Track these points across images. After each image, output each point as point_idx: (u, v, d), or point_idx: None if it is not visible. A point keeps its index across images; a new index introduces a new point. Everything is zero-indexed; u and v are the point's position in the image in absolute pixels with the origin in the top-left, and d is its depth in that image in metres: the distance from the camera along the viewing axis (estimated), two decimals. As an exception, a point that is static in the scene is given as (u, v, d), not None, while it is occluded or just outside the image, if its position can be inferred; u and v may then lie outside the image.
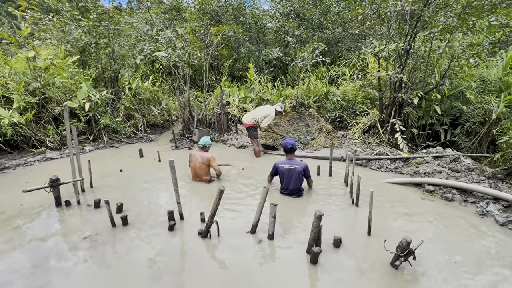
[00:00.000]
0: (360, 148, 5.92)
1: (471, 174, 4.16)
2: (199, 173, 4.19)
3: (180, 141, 7.12)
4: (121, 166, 4.95)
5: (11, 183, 4.28)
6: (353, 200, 3.56)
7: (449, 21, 4.78)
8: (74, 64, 7.11)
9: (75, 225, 3.02)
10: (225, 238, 2.77)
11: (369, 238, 2.81)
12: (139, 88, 8.31)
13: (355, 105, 7.70)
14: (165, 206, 3.42)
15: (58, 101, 6.37)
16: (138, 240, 2.74)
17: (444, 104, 5.93)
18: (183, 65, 7.07)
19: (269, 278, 2.25)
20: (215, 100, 8.41)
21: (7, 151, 5.63)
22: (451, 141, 5.82)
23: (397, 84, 5.68)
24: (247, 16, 11.60)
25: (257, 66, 11.69)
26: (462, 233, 2.93)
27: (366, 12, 5.77)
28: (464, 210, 3.43)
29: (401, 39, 5.60)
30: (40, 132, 6.11)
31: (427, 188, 3.95)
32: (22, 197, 3.52)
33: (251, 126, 5.60)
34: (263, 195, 2.71)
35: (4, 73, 5.84)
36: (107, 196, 3.52)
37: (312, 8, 11.22)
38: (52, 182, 3.29)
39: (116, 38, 7.37)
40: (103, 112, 7.08)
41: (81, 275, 2.25)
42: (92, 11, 6.80)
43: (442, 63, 5.89)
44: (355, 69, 9.50)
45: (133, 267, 2.36)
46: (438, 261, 2.46)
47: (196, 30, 9.42)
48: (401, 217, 3.25)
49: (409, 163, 4.87)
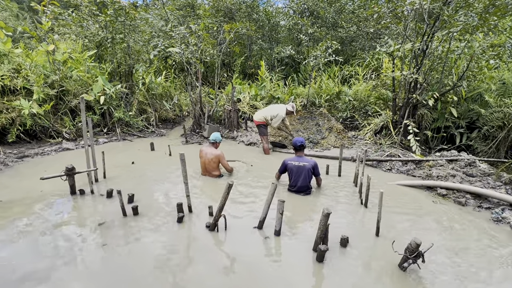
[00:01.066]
0: (371, 149, 5.83)
1: (487, 179, 4.02)
2: (209, 169, 4.24)
3: (190, 136, 7.22)
4: (133, 159, 5.07)
5: (30, 170, 4.47)
6: (362, 200, 3.52)
7: (469, 21, 4.62)
8: (90, 58, 7.32)
9: (89, 213, 3.13)
10: (232, 232, 2.81)
11: (377, 239, 2.77)
12: (152, 83, 8.47)
13: (367, 105, 7.58)
14: (175, 199, 3.49)
15: (75, 94, 6.58)
16: (148, 230, 2.81)
17: (461, 106, 5.75)
18: (196, 61, 7.15)
19: (274, 273, 2.27)
20: (226, 97, 8.46)
21: (26, 140, 5.88)
22: (467, 145, 5.64)
23: (412, 84, 5.55)
24: (261, 14, 11.58)
25: (269, 64, 11.67)
26: (475, 239, 2.84)
27: (382, 11, 5.65)
28: (478, 215, 3.33)
29: (418, 38, 5.46)
30: (57, 123, 6.33)
31: (440, 192, 3.86)
32: (40, 184, 3.68)
33: (261, 124, 5.65)
34: (271, 191, 2.72)
35: (25, 66, 6.08)
36: (119, 186, 3.62)
37: (327, 6, 11.08)
38: (68, 171, 3.41)
39: (131, 34, 7.53)
40: (117, 106, 7.26)
41: (92, 260, 2.34)
42: (109, 6, 6.97)
43: (460, 64, 5.71)
44: (369, 69, 9.33)
45: (141, 255, 2.42)
46: (448, 266, 2.41)
47: (210, 27, 9.49)
48: (411, 219, 3.19)
49: (422, 165, 4.76)
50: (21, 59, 6.18)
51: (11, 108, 5.59)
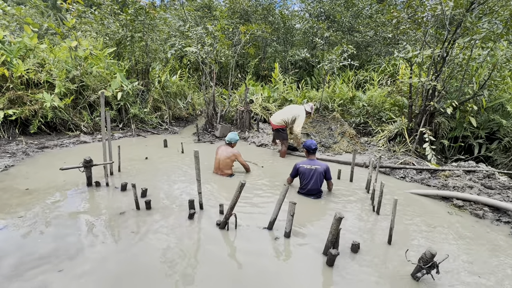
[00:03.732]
0: (384, 156, 5.72)
1: (507, 192, 3.87)
2: (222, 167, 4.27)
3: (202, 135, 7.31)
4: (147, 154, 5.18)
5: (49, 161, 4.65)
6: (374, 207, 3.46)
7: (493, 28, 4.48)
8: (110, 56, 7.55)
9: (104, 204, 3.22)
10: (242, 231, 2.82)
11: (389, 247, 2.72)
12: (167, 82, 8.65)
13: (381, 111, 7.45)
14: (186, 195, 3.54)
15: (94, 89, 6.80)
16: (159, 224, 2.87)
17: (481, 116, 5.57)
18: (211, 61, 7.24)
19: (283, 274, 2.26)
20: (239, 97, 8.52)
21: (47, 132, 6.12)
22: (486, 156, 5.45)
23: (429, 92, 5.42)
24: (276, 16, 11.62)
25: (283, 67, 11.68)
26: (492, 253, 2.74)
27: (401, 16, 5.56)
28: (496, 229, 3.21)
29: (438, 45, 5.33)
30: (76, 117, 6.56)
31: (456, 203, 3.74)
32: (59, 174, 3.82)
33: (280, 128, 5.37)
34: (283, 192, 2.72)
35: (49, 61, 6.34)
36: (133, 180, 3.72)
37: (343, 10, 11.00)
38: (85, 162, 3.53)
39: (150, 33, 7.73)
40: (133, 102, 7.45)
41: (103, 252, 2.41)
42: (130, 6, 7.18)
43: (481, 73, 5.53)
44: (384, 75, 9.18)
45: (152, 248, 2.47)
46: (463, 280, 2.33)
47: (225, 28, 9.61)
48: (425, 229, 3.11)
49: (437, 175, 4.63)
50: (46, 54, 6.46)
51: (34, 101, 5.83)
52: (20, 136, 5.71)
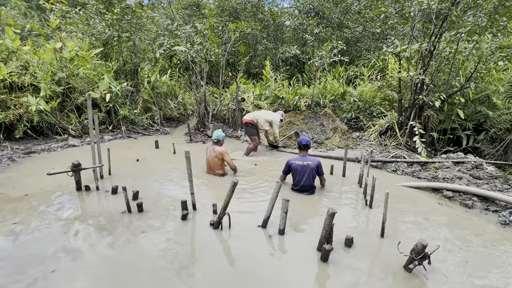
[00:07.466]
0: (375, 150, 5.79)
1: (494, 182, 3.97)
2: (213, 167, 4.24)
3: (194, 135, 7.24)
4: (138, 156, 5.10)
5: (36, 166, 4.52)
6: (367, 201, 3.50)
7: (478, 21, 4.56)
8: (97, 56, 7.38)
9: (94, 209, 3.15)
10: (236, 230, 2.81)
11: (381, 240, 2.75)
12: (157, 82, 8.51)
13: (372, 106, 7.52)
14: (179, 196, 3.50)
15: (81, 91, 6.64)
16: (152, 227, 2.82)
17: (468, 108, 5.69)
18: (201, 60, 7.17)
19: (278, 272, 2.26)
20: (230, 96, 8.47)
21: (33, 136, 5.95)
22: (474, 147, 5.58)
23: (418, 85, 5.50)
24: (266, 14, 11.57)
25: (273, 64, 11.66)
26: (481, 242, 2.80)
27: (389, 11, 5.61)
28: (485, 218, 3.29)
29: (425, 39, 5.41)
30: (63, 120, 6.39)
31: (446, 194, 3.81)
32: (47, 179, 3.72)
33: (249, 122, 5.49)
34: (276, 189, 2.72)
35: (33, 63, 6.15)
36: (124, 183, 3.65)
37: (332, 6, 11.04)
38: (74, 167, 3.44)
39: (137, 32, 7.58)
40: (123, 104, 7.31)
41: (97, 255, 2.35)
42: (116, 5, 7.02)
43: (468, 66, 5.64)
44: (374, 70, 9.27)
45: (145, 251, 2.43)
46: (454, 268, 2.38)
47: (215, 26, 9.51)
48: (416, 221, 3.16)
49: (427, 167, 4.71)
50: (29, 56, 6.26)
51: (19, 105, 5.66)
52: (5, 141, 5.53)
